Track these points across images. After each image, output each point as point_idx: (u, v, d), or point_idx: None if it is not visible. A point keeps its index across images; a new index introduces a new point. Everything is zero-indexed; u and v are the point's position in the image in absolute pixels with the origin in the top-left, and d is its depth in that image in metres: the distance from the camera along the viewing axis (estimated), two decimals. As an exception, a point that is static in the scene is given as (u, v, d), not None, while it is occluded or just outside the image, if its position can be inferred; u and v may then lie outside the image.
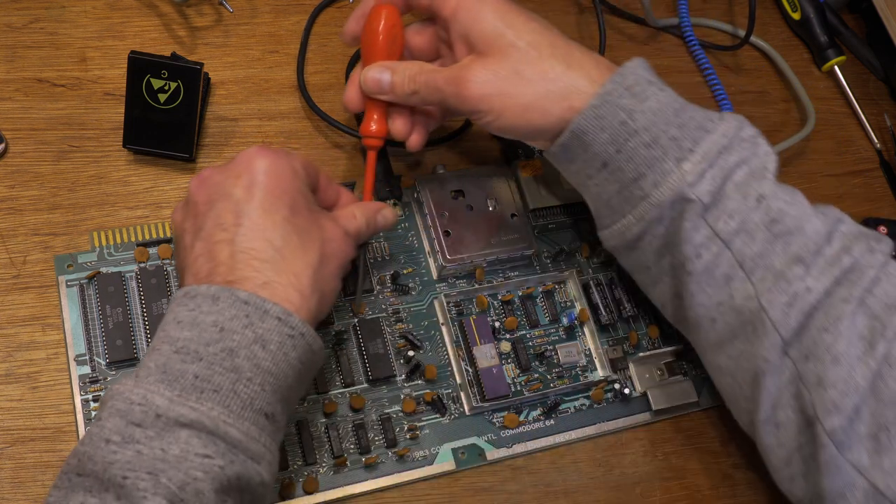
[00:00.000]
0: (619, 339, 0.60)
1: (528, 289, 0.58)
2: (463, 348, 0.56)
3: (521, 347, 0.57)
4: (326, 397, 0.53)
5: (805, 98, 0.73)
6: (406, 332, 0.56)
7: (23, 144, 0.56)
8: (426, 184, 0.59)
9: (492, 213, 0.59)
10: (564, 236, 0.62)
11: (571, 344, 0.58)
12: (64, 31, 0.60)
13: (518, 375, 0.57)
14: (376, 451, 0.52)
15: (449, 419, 0.54)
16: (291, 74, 0.63)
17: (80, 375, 0.50)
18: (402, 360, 0.55)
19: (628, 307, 0.60)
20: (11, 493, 0.48)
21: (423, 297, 0.57)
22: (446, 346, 0.56)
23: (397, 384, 0.55)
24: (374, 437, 0.53)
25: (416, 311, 0.57)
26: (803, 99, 0.73)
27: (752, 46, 0.76)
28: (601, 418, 0.57)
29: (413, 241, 0.59)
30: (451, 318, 0.57)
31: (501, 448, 0.55)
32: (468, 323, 0.56)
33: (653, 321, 0.61)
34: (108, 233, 0.54)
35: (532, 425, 0.56)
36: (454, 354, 0.56)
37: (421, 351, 0.56)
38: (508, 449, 0.55)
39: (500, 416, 0.55)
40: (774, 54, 0.75)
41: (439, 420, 0.54)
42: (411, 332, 0.56)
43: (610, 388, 0.57)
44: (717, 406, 0.59)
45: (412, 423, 0.54)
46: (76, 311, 0.52)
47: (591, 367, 0.58)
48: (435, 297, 0.57)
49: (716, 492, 0.58)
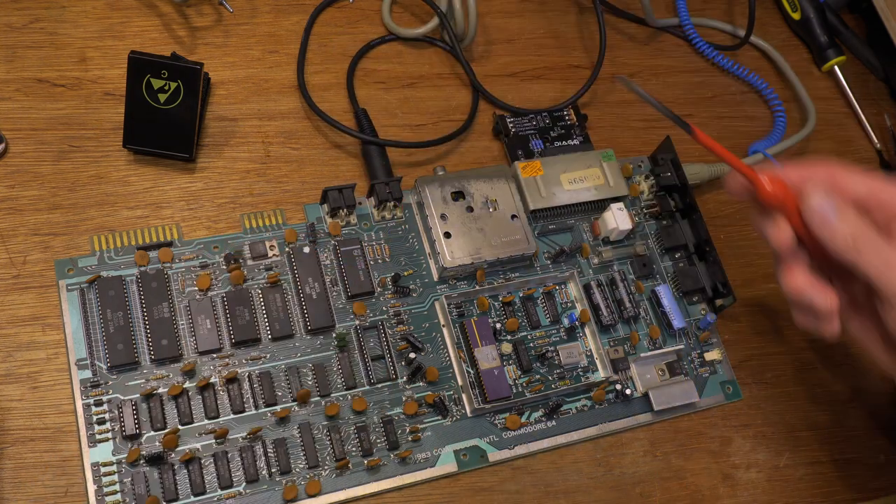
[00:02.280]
0: (621, 339, 0.60)
1: (528, 290, 0.58)
2: (464, 350, 0.56)
3: (523, 349, 0.57)
4: (329, 400, 0.53)
5: (806, 98, 0.73)
6: (407, 334, 0.56)
7: (23, 144, 0.56)
8: (426, 185, 0.59)
9: (492, 214, 0.59)
10: (565, 237, 0.62)
11: (573, 345, 0.58)
12: (64, 31, 0.60)
13: (519, 377, 0.57)
14: (378, 454, 0.52)
15: (451, 421, 0.54)
16: (291, 74, 0.63)
17: (82, 380, 0.50)
18: (404, 363, 0.55)
19: (629, 307, 0.60)
20: (11, 493, 0.48)
21: (423, 298, 0.57)
22: (447, 348, 0.56)
23: (399, 386, 0.55)
24: (376, 440, 0.53)
25: (416, 312, 0.57)
26: (804, 99, 0.73)
27: (753, 46, 0.76)
28: (603, 419, 0.57)
29: (413, 242, 0.59)
30: (452, 319, 0.57)
31: (504, 449, 0.55)
32: (469, 324, 0.56)
33: (654, 322, 0.61)
34: (109, 236, 0.54)
35: (534, 426, 0.56)
36: (455, 356, 0.56)
37: (422, 353, 0.56)
38: (510, 450, 0.55)
39: (502, 418, 0.55)
40: (775, 54, 0.75)
41: (441, 422, 0.54)
42: (412, 333, 0.56)
43: (611, 388, 0.57)
44: (719, 406, 0.60)
45: (414, 425, 0.54)
46: (77, 315, 0.51)
47: (593, 367, 0.58)
48: (436, 299, 0.57)
49: (716, 492, 0.58)
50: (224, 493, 0.50)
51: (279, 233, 0.57)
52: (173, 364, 0.52)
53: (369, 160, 0.60)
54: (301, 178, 0.60)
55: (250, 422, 0.51)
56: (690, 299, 0.62)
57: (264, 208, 0.58)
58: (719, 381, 0.60)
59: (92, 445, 0.49)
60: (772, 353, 0.63)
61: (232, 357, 0.53)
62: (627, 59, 0.72)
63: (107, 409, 0.50)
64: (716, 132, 0.71)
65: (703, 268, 0.62)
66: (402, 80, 0.66)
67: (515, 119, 0.65)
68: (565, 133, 0.65)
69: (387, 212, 0.59)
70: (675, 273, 0.62)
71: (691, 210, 0.62)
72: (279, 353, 0.54)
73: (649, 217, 0.64)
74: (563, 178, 0.61)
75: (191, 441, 0.50)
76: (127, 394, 0.50)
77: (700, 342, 0.61)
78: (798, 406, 0.62)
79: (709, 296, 0.62)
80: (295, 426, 0.52)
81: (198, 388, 0.51)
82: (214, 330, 0.53)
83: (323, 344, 0.54)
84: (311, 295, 0.55)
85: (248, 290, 0.54)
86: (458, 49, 0.65)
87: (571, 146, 0.65)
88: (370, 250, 0.58)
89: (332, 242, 0.57)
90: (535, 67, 0.69)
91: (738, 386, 0.60)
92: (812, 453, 0.61)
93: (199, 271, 0.54)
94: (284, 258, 0.56)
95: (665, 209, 0.63)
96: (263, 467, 0.51)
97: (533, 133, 0.65)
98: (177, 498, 0.49)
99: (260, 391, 0.52)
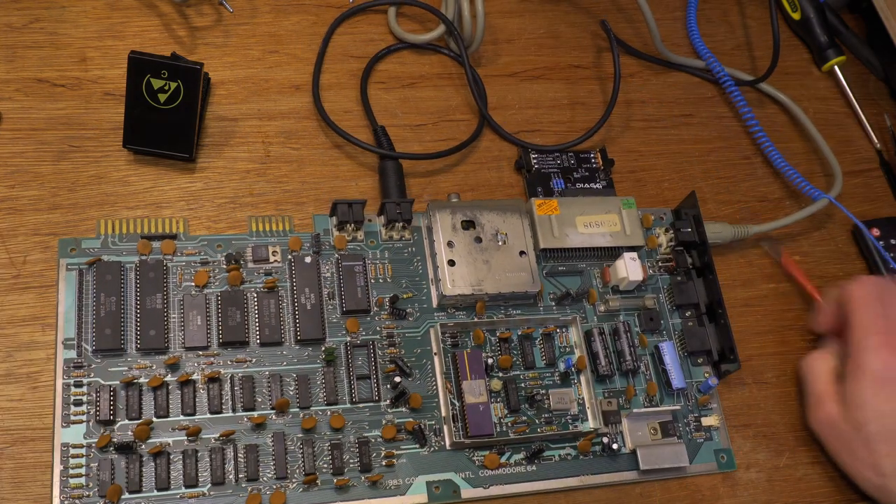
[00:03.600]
0: (616, 391, 0.58)
1: (527, 329, 0.57)
2: (452, 381, 0.55)
3: (513, 387, 0.56)
4: (308, 413, 0.52)
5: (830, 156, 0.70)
6: (397, 358, 0.55)
7: (23, 144, 0.56)
8: (438, 210, 0.58)
9: (500, 247, 0.58)
10: (573, 280, 0.61)
11: (565, 391, 0.57)
12: (64, 31, 0.61)
13: (505, 416, 0.55)
14: (349, 474, 0.52)
15: (428, 451, 0.53)
16: (292, 74, 0.63)
17: (66, 359, 0.50)
18: (389, 385, 0.54)
19: (629, 360, 0.58)
20: (11, 493, 0.48)
21: (419, 323, 0.56)
22: (436, 377, 0.55)
23: (380, 408, 0.54)
24: (349, 459, 0.52)
25: (410, 337, 0.56)
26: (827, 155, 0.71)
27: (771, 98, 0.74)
28: (586, 471, 0.55)
29: (418, 266, 0.58)
30: (445, 348, 0.56)
31: (478, 487, 0.53)
32: (461, 356, 0.55)
33: (653, 378, 0.59)
34: (115, 222, 0.54)
35: (513, 468, 0.54)
36: (443, 386, 0.55)
37: (409, 378, 0.55)
38: (485, 489, 0.53)
39: (481, 455, 0.54)
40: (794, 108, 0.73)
41: (418, 450, 0.53)
42: (402, 357, 0.55)
43: (598, 440, 0.56)
44: (709, 474, 0.58)
45: (390, 450, 0.53)
46: (72, 295, 0.52)
47: (583, 416, 0.57)
48: (431, 326, 0.56)
49: (716, 492, 0.57)
50: (188, 491, 0.49)
51: (284, 239, 0.57)
52: (158, 356, 0.52)
53: (384, 178, 0.60)
54: (301, 179, 0.60)
55: (225, 424, 0.51)
56: (695, 360, 0.60)
57: (264, 208, 0.58)
58: (714, 449, 0.58)
59: (65, 425, 0.49)
60: (772, 353, 0.63)
61: (217, 357, 0.53)
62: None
63: (86, 392, 0.50)
64: (716, 132, 0.70)
65: (712, 330, 0.60)
66: (402, 80, 0.66)
67: (539, 155, 0.64)
68: (589, 176, 0.64)
69: (395, 232, 0.58)
70: (683, 331, 0.60)
71: (707, 269, 0.60)
72: (265, 358, 0.53)
73: (663, 271, 0.62)
74: (578, 221, 0.60)
75: (163, 435, 0.50)
76: (108, 379, 0.51)
77: (699, 406, 0.59)
78: (798, 406, 0.61)
79: (714, 359, 0.60)
80: (269, 434, 0.51)
81: (178, 383, 0.51)
82: (204, 327, 0.53)
83: (311, 356, 0.54)
84: (306, 305, 0.55)
85: (243, 292, 0.54)
86: (466, 57, 0.65)
87: (593, 189, 0.64)
88: (373, 268, 0.57)
89: (336, 256, 0.57)
90: (535, 67, 0.69)
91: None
92: (812, 453, 0.60)
93: (199, 267, 0.54)
94: (285, 265, 0.56)
95: (681, 265, 0.61)
96: (231, 471, 0.50)
97: (556, 172, 0.64)
98: (140, 490, 0.49)
99: (240, 394, 0.52)
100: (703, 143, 0.70)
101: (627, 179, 0.66)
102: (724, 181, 0.68)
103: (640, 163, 0.67)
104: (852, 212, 0.66)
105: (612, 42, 0.67)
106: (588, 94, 0.69)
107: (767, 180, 0.70)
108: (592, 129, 0.65)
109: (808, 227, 0.68)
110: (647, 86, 0.71)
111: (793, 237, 0.68)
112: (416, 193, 0.61)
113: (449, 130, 0.64)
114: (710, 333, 0.60)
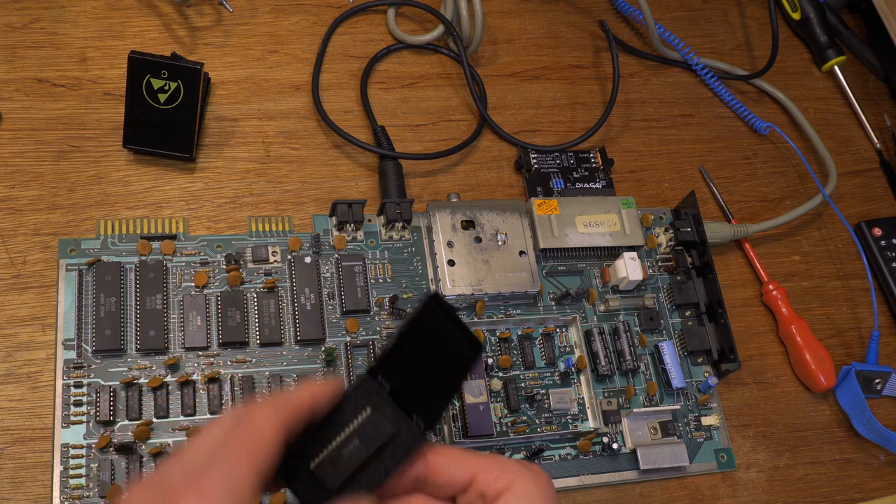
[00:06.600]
0: (616, 391, 0.58)
1: (527, 328, 0.57)
2: (452, 381, 0.55)
3: (513, 387, 0.56)
4: (307, 413, 0.52)
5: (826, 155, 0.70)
6: (397, 357, 0.55)
7: (23, 144, 0.56)
8: (438, 210, 0.58)
9: (500, 247, 0.58)
10: (573, 280, 0.61)
11: (565, 390, 0.57)
12: (64, 31, 0.61)
13: (505, 415, 0.55)
14: (349, 474, 0.52)
15: (428, 451, 0.53)
16: (291, 74, 0.63)
17: (66, 360, 0.50)
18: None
19: (629, 360, 0.58)
20: (11, 493, 0.48)
21: (419, 323, 0.56)
22: (436, 377, 0.55)
23: (380, 409, 0.54)
24: (349, 460, 0.52)
25: (410, 337, 0.56)
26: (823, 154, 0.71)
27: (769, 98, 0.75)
28: (585, 470, 0.55)
29: (417, 266, 0.58)
30: (445, 348, 0.56)
31: (478, 487, 0.53)
32: (461, 356, 0.55)
33: (653, 378, 0.59)
34: (115, 222, 0.54)
35: (513, 468, 0.54)
36: (443, 386, 0.55)
37: (409, 378, 0.55)
38: (485, 489, 0.53)
39: (481, 455, 0.54)
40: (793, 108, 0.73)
41: (418, 450, 0.53)
42: (402, 357, 0.55)
43: (598, 440, 0.56)
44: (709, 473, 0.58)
45: (390, 450, 0.53)
46: (72, 296, 0.52)
47: (583, 416, 0.57)
48: (431, 326, 0.56)
49: (716, 492, 0.57)
50: (188, 492, 0.49)
51: (284, 239, 0.57)
52: (158, 356, 0.52)
53: (384, 178, 0.60)
54: (301, 179, 0.60)
55: (225, 424, 0.51)
56: (695, 360, 0.60)
57: (264, 208, 0.58)
58: (714, 448, 0.58)
59: (65, 426, 0.49)
60: (772, 353, 0.63)
61: (217, 357, 0.53)
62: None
63: (86, 392, 0.50)
64: (715, 132, 0.71)
65: (712, 329, 0.60)
66: (402, 80, 0.66)
67: (539, 155, 0.64)
68: (589, 175, 0.64)
69: (395, 232, 0.58)
70: (683, 331, 0.60)
71: (707, 269, 0.60)
72: (265, 359, 0.53)
73: (663, 270, 0.62)
74: (578, 220, 0.60)
75: (163, 435, 0.50)
76: (108, 379, 0.51)
77: (698, 405, 0.59)
78: (798, 406, 0.61)
79: (714, 359, 0.60)
80: (269, 435, 0.51)
81: (178, 384, 0.51)
82: (204, 328, 0.53)
83: (311, 356, 0.54)
84: (306, 305, 0.55)
85: (243, 292, 0.54)
86: (465, 57, 0.65)
87: (593, 189, 0.64)
88: (372, 268, 0.57)
89: (336, 256, 0.57)
90: (535, 67, 0.69)
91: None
92: (812, 453, 0.60)
93: (199, 268, 0.54)
94: (285, 265, 0.56)
95: (680, 265, 0.61)
96: (231, 472, 0.50)
97: (555, 171, 0.64)
98: (140, 490, 0.48)
99: (240, 395, 0.52)
100: (703, 143, 0.70)
101: (627, 179, 0.66)
102: (724, 181, 0.68)
103: (640, 162, 0.67)
104: (853, 212, 0.66)
105: (611, 42, 0.68)
106: (588, 94, 0.69)
107: (767, 180, 0.70)
108: (592, 129, 0.65)
109: (808, 227, 0.68)
110: (646, 86, 0.71)
111: (793, 237, 0.68)
112: (416, 193, 0.61)
113: (449, 130, 0.64)
114: (709, 333, 0.60)
